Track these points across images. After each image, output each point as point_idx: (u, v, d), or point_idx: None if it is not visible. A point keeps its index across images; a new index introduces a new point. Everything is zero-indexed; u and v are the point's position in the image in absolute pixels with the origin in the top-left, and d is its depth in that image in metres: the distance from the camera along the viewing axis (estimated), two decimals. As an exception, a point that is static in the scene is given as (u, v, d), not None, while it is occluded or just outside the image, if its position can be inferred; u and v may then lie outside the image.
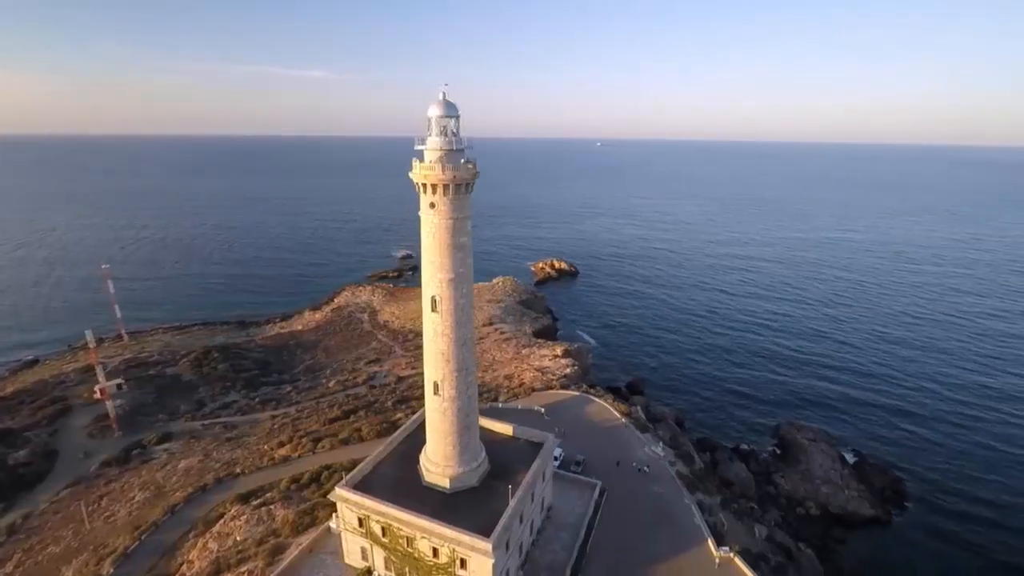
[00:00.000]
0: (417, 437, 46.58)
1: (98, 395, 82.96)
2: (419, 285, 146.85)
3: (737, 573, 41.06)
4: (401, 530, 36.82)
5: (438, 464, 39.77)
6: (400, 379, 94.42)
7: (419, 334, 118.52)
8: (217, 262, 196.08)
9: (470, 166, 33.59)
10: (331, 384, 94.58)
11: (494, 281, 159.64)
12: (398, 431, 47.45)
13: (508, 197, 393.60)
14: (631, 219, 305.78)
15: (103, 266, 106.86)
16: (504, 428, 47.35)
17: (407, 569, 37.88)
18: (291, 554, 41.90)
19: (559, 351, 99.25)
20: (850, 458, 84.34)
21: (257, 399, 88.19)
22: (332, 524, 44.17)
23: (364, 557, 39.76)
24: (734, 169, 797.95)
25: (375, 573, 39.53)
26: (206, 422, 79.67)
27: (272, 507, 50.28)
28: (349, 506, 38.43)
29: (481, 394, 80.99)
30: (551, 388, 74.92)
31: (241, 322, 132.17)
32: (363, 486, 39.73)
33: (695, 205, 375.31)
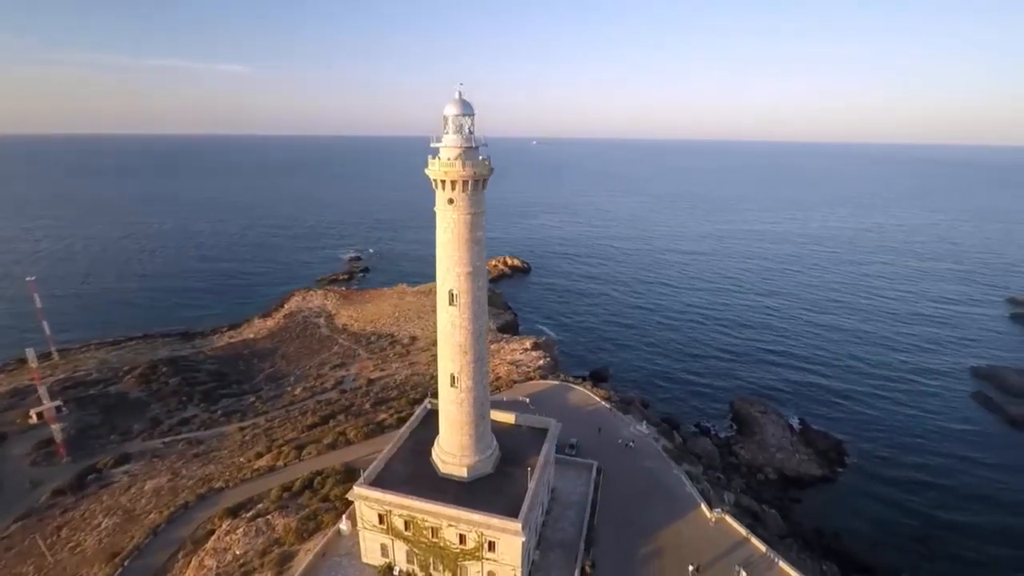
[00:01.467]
0: (421, 433, 47.21)
1: (34, 419, 75.95)
2: (374, 287, 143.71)
3: (729, 528, 45.28)
4: (426, 521, 37.47)
5: (454, 455, 40.65)
6: (371, 381, 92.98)
7: (382, 335, 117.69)
8: (141, 273, 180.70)
9: (487, 163, 34.79)
10: (297, 391, 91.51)
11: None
12: (403, 428, 47.67)
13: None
14: (575, 216, 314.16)
15: (28, 279, 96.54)
16: (507, 417, 48.83)
17: (431, 560, 38.57)
18: (304, 560, 41.18)
19: (528, 344, 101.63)
20: (796, 426, 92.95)
21: (219, 412, 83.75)
22: (342, 526, 43.89)
23: (384, 554, 39.95)
24: (667, 166, 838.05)
25: (396, 568, 39.83)
26: (166, 440, 74.83)
27: (269, 517, 48.78)
28: (369, 503, 38.50)
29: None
30: (531, 379, 77.02)
31: (184, 333, 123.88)
32: (379, 483, 39.89)
33: (634, 201, 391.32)
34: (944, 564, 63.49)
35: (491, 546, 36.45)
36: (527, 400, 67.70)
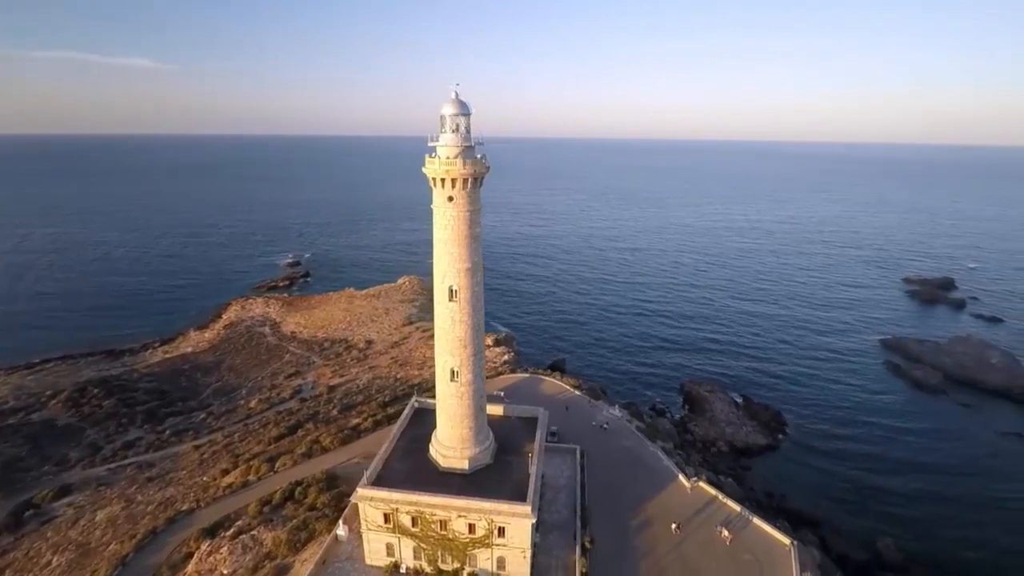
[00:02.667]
0: (412, 432, 47.44)
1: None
2: (319, 293, 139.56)
3: (705, 494, 49.43)
4: (435, 515, 37.98)
5: (455, 448, 41.35)
6: (332, 388, 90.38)
7: (335, 341, 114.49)
8: (43, 290, 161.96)
9: (484, 161, 35.82)
10: (253, 404, 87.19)
11: (400, 281, 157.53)
12: (395, 428, 47.54)
13: (381, 197, 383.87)
14: (515, 215, 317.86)
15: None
16: (496, 409, 49.99)
17: (440, 553, 39.10)
18: (303, 571, 40.26)
19: (489, 341, 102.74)
20: (740, 402, 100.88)
21: (167, 432, 78.18)
22: (339, 531, 43.24)
23: (390, 553, 39.94)
24: (595, 163, 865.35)
25: (402, 566, 39.97)
26: (111, 466, 68.97)
27: (254, 532, 46.81)
28: (374, 504, 38.38)
29: (426, 390, 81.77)
30: (500, 374, 78.44)
31: (110, 352, 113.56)
32: (382, 483, 39.83)
33: (566, 198, 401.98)
34: (871, 513, 71.94)
35: (501, 532, 37.63)
36: (501, 393, 69.01)
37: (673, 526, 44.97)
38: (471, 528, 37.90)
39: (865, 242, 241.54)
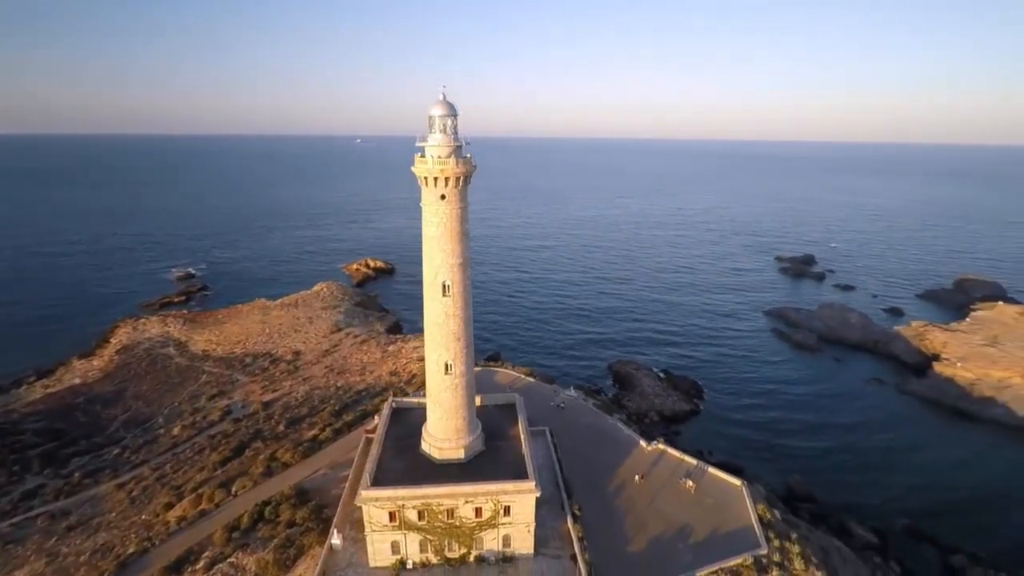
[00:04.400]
0: (395, 431, 47.47)
1: None
2: (224, 306, 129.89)
3: (665, 453, 55.45)
4: (442, 505, 39.01)
5: (450, 439, 42.50)
6: (267, 404, 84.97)
7: (258, 356, 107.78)
8: None
9: (471, 159, 37.42)
10: (176, 431, 79.26)
11: (316, 288, 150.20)
12: (378, 430, 47.16)
13: (274, 201, 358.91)
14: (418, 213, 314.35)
15: None
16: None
17: (447, 541, 40.19)
18: (303, 584, 39.11)
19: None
20: (662, 375, 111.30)
21: (76, 474, 68.60)
22: (334, 540, 42.40)
23: (395, 551, 40.16)
24: (494, 161, 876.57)
25: (408, 562, 40.42)
26: (14, 520, 59.34)
27: (232, 559, 44.06)
28: (380, 504, 38.41)
29: (375, 395, 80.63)
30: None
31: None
32: (382, 483, 39.86)
33: (473, 196, 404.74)
34: (779, 456, 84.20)
35: (507, 511, 39.70)
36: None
37: (636, 477, 51.19)
38: (478, 512, 39.50)
39: (741, 228, 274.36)
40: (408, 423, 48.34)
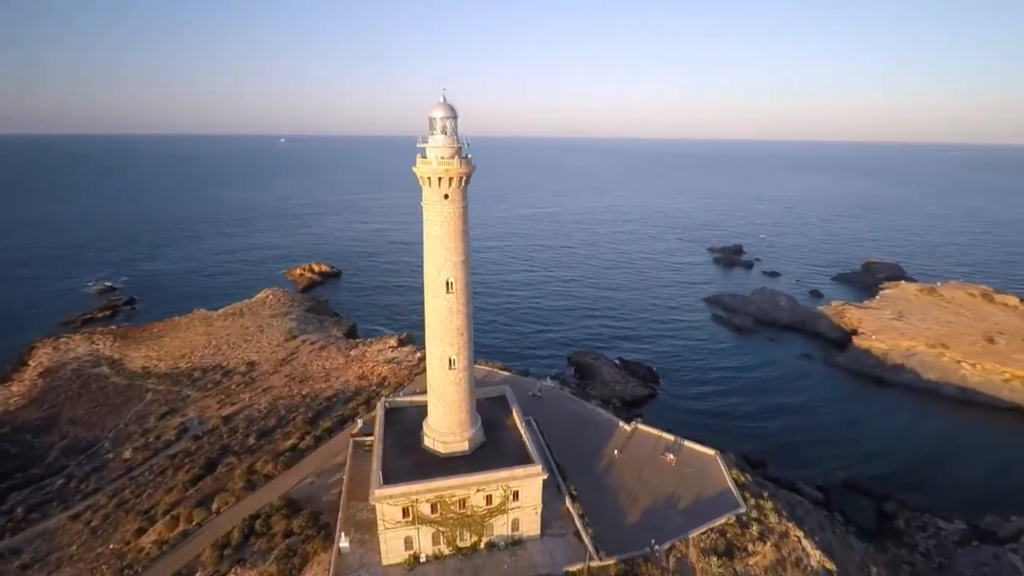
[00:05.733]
0: (393, 431, 47.73)
1: None
2: (158, 319, 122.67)
3: (643, 432, 59.42)
4: (454, 496, 40.07)
5: (454, 433, 43.56)
6: (227, 419, 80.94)
7: (207, 369, 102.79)
8: None
9: (471, 160, 38.69)
10: (127, 455, 73.83)
11: (261, 295, 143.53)
12: (376, 430, 47.18)
13: (199, 205, 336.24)
14: (359, 215, 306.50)
15: None
16: (466, 395, 52.62)
17: (459, 532, 41.29)
18: (316, 590, 38.81)
19: (393, 343, 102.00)
20: (619, 363, 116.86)
21: (18, 510, 62.44)
22: (342, 543, 42.24)
23: (408, 546, 40.71)
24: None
25: (421, 556, 41.11)
26: (-49, 566, 53.34)
27: (232, 574, 42.63)
28: (394, 500, 38.85)
29: (347, 400, 79.45)
30: (422, 372, 79.42)
31: None
32: (393, 480, 40.24)
33: (412, 196, 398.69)
34: (731, 429, 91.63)
35: (516, 496, 41.44)
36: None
37: (615, 451, 55.03)
38: (488, 499, 40.93)
39: (674, 221, 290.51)
40: (404, 422, 48.77)
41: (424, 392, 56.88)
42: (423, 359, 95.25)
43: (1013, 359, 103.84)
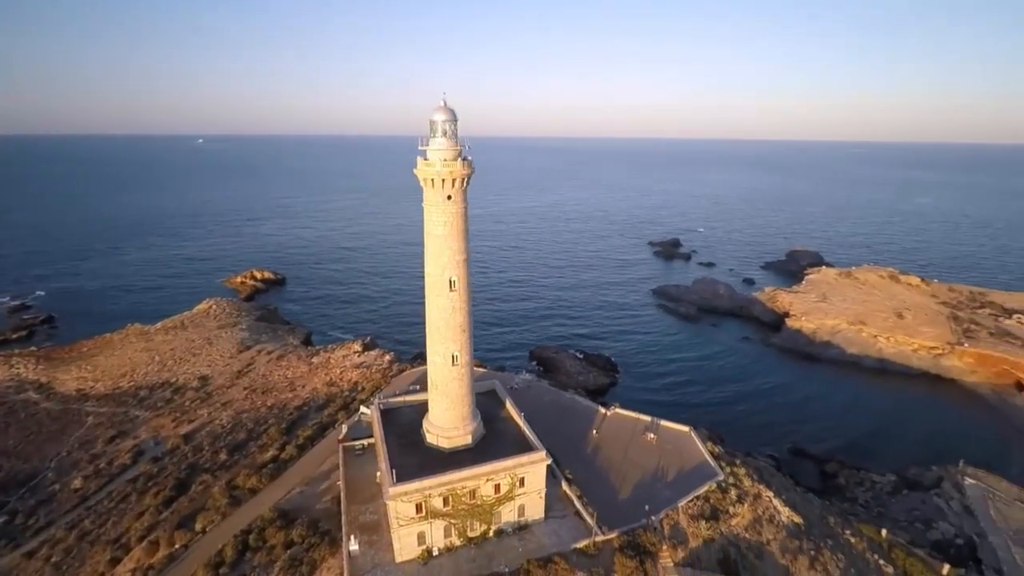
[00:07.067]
0: (392, 431, 48.03)
1: None
2: (86, 337, 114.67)
3: (622, 415, 63.03)
4: (465, 487, 41.27)
5: (458, 427, 44.67)
6: (188, 437, 76.77)
7: (154, 387, 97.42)
8: None
9: (471, 161, 40.01)
10: (77, 483, 68.36)
11: (202, 306, 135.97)
12: (376, 432, 47.25)
13: (120, 212, 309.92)
14: (295, 220, 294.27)
15: None
16: (458, 391, 53.66)
17: (469, 522, 42.53)
18: (331, 593, 38.74)
19: (358, 347, 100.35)
20: (580, 356, 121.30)
21: (-44, 552, 56.41)
22: (352, 547, 42.25)
23: (421, 541, 41.42)
24: (362, 161, 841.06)
25: (434, 549, 41.98)
26: None
27: (234, 590, 41.43)
28: (408, 497, 39.43)
29: (320, 407, 77.88)
30: (404, 371, 79.41)
31: None
32: (405, 478, 40.79)
33: (350, 198, 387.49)
34: (687, 408, 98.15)
35: (522, 482, 43.26)
36: (416, 387, 70.92)
37: (594, 432, 58.72)
38: (497, 488, 42.47)
39: (614, 218, 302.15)
40: (401, 422, 49.15)
41: (411, 392, 57.89)
42: (395, 361, 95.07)
43: (919, 331, 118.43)
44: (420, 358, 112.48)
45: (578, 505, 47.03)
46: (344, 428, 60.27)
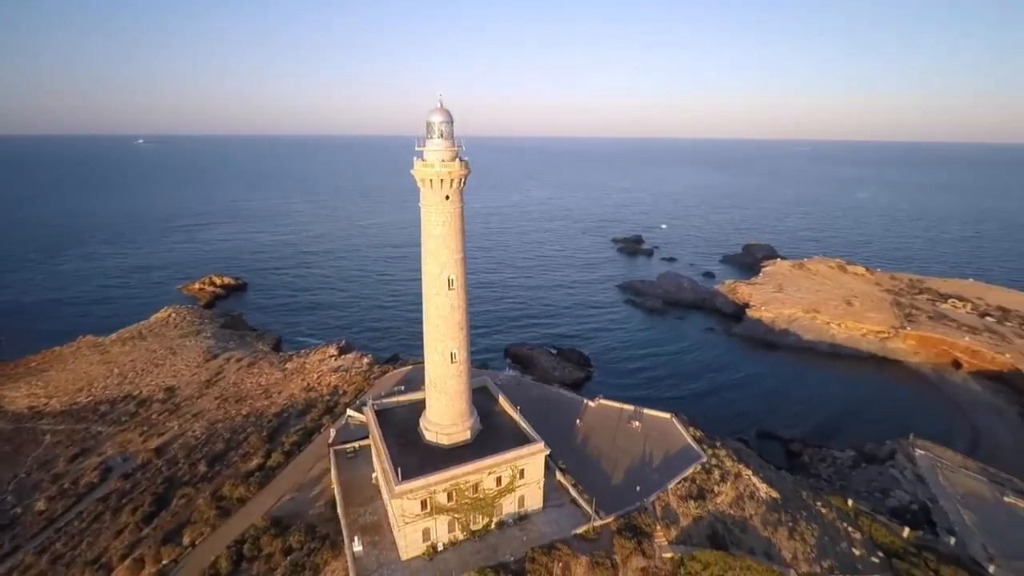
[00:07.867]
0: (390, 431, 48.17)
1: None
2: (33, 352, 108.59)
3: (607, 406, 65.24)
4: (468, 481, 42.06)
5: (456, 424, 45.35)
6: (158, 451, 73.77)
7: (116, 401, 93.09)
8: None
9: (468, 162, 40.76)
10: (41, 506, 64.57)
11: (161, 314, 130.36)
12: (372, 432, 47.25)
13: (57, 217, 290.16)
14: (252, 223, 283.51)
15: None
16: (451, 389, 54.22)
17: (472, 516, 43.34)
18: (339, 595, 38.75)
19: (334, 351, 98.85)
20: (554, 352, 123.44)
21: (-91, 588, 52.38)
22: (357, 548, 42.30)
23: (426, 538, 41.93)
24: (316, 162, 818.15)
25: (438, 544, 42.56)
26: None
27: (235, 599, 40.67)
28: (414, 494, 39.87)
29: (300, 413, 76.59)
30: (386, 372, 78.92)
31: None
32: (409, 476, 41.16)
33: (306, 200, 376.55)
34: (663, 398, 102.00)
35: (522, 474, 44.43)
36: (402, 388, 70.93)
37: (577, 422, 60.93)
38: (498, 481, 43.47)
39: (579, 216, 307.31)
40: (396, 422, 49.34)
41: (399, 392, 58.06)
42: (374, 364, 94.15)
43: (867, 317, 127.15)
44: (396, 359, 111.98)
45: (574, 493, 48.64)
46: (333, 432, 59.83)
